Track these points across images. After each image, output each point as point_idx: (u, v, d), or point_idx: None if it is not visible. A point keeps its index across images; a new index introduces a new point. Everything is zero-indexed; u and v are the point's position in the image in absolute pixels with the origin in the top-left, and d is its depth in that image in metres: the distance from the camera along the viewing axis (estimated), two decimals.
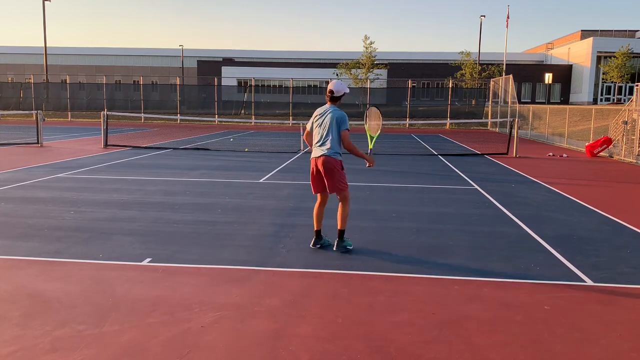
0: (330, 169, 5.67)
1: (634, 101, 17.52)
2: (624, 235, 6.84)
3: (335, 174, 5.69)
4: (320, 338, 3.80)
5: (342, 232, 5.87)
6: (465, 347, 3.67)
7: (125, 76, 62.72)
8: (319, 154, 5.76)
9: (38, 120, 18.00)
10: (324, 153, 5.71)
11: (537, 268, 5.42)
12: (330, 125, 5.76)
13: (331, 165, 5.67)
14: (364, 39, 45.21)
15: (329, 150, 5.70)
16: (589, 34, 58.99)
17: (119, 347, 3.61)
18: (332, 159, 5.67)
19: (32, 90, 40.39)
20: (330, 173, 5.68)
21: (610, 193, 10.15)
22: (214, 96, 39.94)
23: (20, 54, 71.58)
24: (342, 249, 5.85)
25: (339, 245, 5.86)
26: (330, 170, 5.67)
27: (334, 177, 5.70)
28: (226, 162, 14.26)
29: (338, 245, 5.86)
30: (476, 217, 7.76)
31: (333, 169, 5.67)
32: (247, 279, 5.01)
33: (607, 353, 3.63)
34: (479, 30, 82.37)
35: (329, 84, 6.02)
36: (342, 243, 5.87)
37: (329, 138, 5.72)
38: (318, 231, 5.99)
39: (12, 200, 8.47)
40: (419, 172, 12.76)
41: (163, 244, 6.13)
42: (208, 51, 70.05)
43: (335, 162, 5.70)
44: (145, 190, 9.56)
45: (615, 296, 4.70)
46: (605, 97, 55.88)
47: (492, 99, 35.27)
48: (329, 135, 5.73)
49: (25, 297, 4.47)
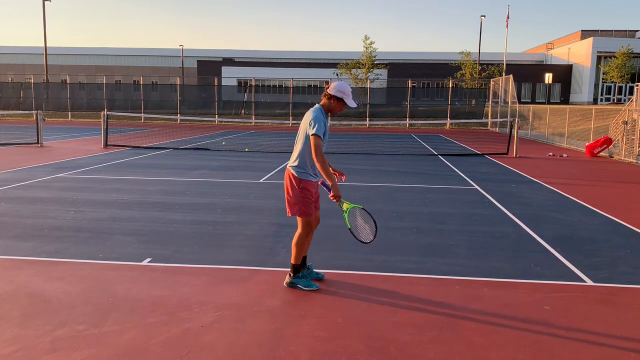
0: (286, 183, 4.69)
1: (634, 101, 17.53)
2: (624, 235, 6.84)
3: (290, 190, 4.65)
4: (320, 338, 3.80)
5: (293, 268, 4.80)
6: (465, 347, 3.67)
7: (125, 76, 62.71)
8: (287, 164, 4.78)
9: (38, 120, 18.00)
10: (288, 164, 4.76)
11: (537, 268, 5.42)
12: (300, 130, 4.70)
13: (287, 179, 4.68)
14: (364, 39, 45.19)
15: (293, 163, 4.67)
16: (589, 34, 58.99)
17: (119, 347, 3.61)
18: (290, 172, 4.65)
19: (32, 90, 40.37)
20: (286, 188, 4.69)
21: (610, 193, 10.15)
22: (214, 96, 39.93)
23: (20, 54, 71.62)
24: (290, 285, 4.78)
25: (288, 281, 4.81)
26: (286, 185, 4.70)
27: (289, 194, 4.67)
28: (226, 162, 14.26)
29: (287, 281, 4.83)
30: (476, 217, 7.76)
31: (288, 184, 4.67)
32: (247, 279, 5.01)
33: (607, 353, 3.63)
34: (479, 30, 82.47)
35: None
36: (291, 280, 4.80)
37: (296, 147, 4.68)
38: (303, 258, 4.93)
39: (12, 200, 8.47)
40: (419, 172, 12.76)
41: (163, 244, 6.13)
42: (208, 51, 70.07)
43: (291, 177, 4.63)
44: (145, 190, 9.56)
45: (615, 296, 4.70)
46: (605, 97, 55.88)
47: (492, 99, 35.26)
48: (297, 142, 4.69)
49: (25, 297, 4.47)
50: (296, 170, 4.61)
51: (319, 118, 4.49)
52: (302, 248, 4.76)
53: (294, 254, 4.77)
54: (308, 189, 4.62)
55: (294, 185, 4.61)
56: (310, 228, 4.73)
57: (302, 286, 4.74)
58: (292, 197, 4.64)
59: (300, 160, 4.59)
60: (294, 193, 4.62)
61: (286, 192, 4.69)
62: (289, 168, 4.69)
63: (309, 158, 4.54)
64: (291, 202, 4.66)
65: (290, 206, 4.69)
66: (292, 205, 4.67)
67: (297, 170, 4.61)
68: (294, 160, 4.66)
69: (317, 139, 4.40)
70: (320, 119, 4.50)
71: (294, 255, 4.77)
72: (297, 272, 4.79)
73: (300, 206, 4.62)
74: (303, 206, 4.62)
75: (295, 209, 4.65)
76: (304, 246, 4.77)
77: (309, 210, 4.65)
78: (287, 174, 4.68)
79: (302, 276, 4.80)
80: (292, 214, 4.70)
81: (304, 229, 4.71)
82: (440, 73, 50.20)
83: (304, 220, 4.69)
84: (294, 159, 4.66)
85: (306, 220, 4.69)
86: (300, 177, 4.59)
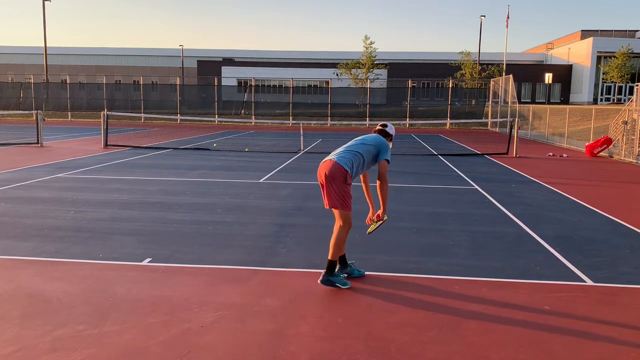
0: (332, 176, 4.66)
1: (634, 101, 17.52)
2: (624, 235, 6.84)
3: (337, 182, 4.65)
4: (320, 338, 3.80)
5: (330, 263, 4.76)
6: (465, 347, 3.67)
7: (125, 76, 62.71)
8: (326, 159, 4.85)
9: (38, 120, 18.00)
10: (331, 157, 4.79)
11: (537, 268, 5.42)
12: (363, 143, 4.85)
13: (334, 172, 4.66)
14: (364, 39, 45.31)
15: (339, 158, 4.73)
16: (589, 34, 58.97)
17: (119, 347, 3.61)
18: (339, 165, 4.66)
19: (32, 90, 40.39)
20: (331, 181, 4.67)
21: (610, 193, 10.15)
22: (214, 96, 39.96)
23: (20, 54, 71.59)
24: (327, 283, 4.75)
25: (323, 279, 4.77)
26: (331, 177, 4.66)
27: (333, 187, 4.66)
28: (226, 162, 14.26)
29: (322, 278, 4.78)
30: (476, 217, 7.76)
31: (334, 176, 4.65)
32: (247, 279, 5.01)
33: (607, 353, 3.63)
34: (479, 30, 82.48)
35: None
36: (326, 277, 4.76)
37: (348, 149, 4.81)
38: (341, 257, 4.94)
39: (12, 200, 8.47)
40: (419, 172, 12.76)
41: (163, 244, 6.13)
42: (208, 51, 70.05)
43: (340, 169, 4.65)
44: (145, 190, 9.56)
45: (615, 296, 4.70)
46: (605, 97, 55.87)
47: (492, 99, 35.27)
48: (351, 147, 4.82)
49: (25, 297, 4.47)
50: (344, 163, 4.67)
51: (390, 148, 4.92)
52: (342, 244, 4.79)
53: (333, 251, 4.74)
54: (350, 182, 4.73)
55: (340, 177, 4.64)
56: (350, 221, 4.75)
57: (339, 284, 4.74)
58: (335, 189, 4.65)
59: (349, 159, 4.71)
60: (337, 186, 4.64)
61: (328, 184, 4.67)
62: (333, 160, 4.70)
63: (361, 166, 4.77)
64: (333, 195, 4.67)
65: (331, 199, 4.68)
66: (335, 197, 4.66)
67: (346, 164, 4.67)
68: (341, 155, 4.74)
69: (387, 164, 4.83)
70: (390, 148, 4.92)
71: (333, 251, 4.74)
72: (334, 269, 4.78)
73: (345, 199, 4.67)
74: (347, 200, 4.68)
75: (339, 201, 4.66)
76: (344, 242, 4.79)
77: (350, 203, 4.72)
78: (332, 166, 4.65)
79: (336, 274, 4.80)
80: (333, 206, 4.70)
81: (346, 224, 4.72)
82: (440, 73, 50.20)
83: (346, 215, 4.70)
84: (340, 154, 4.75)
85: (348, 215, 4.71)
86: (347, 169, 4.66)
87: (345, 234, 4.76)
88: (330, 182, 4.67)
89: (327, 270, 4.76)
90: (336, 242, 4.73)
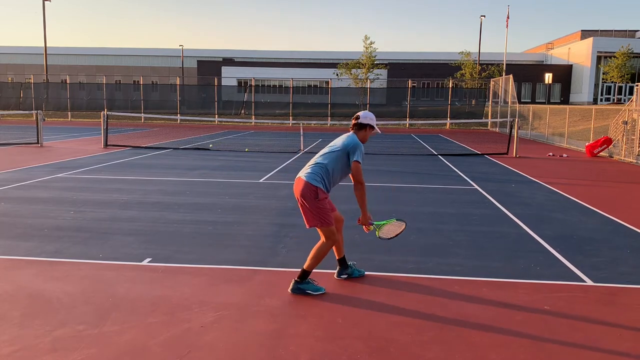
0: (303, 196, 4.50)
1: (634, 101, 17.53)
2: (624, 235, 6.84)
3: (308, 201, 4.48)
4: (320, 338, 3.80)
5: (303, 272, 4.61)
6: (465, 347, 3.67)
7: (125, 76, 62.67)
8: (298, 174, 4.67)
9: (38, 120, 18.00)
10: (300, 175, 4.62)
11: (537, 268, 5.42)
12: (330, 151, 4.65)
13: (304, 192, 4.49)
14: (364, 39, 45.25)
15: (307, 175, 4.56)
16: (589, 34, 58.97)
17: (119, 347, 3.61)
18: (307, 183, 4.48)
19: (32, 90, 40.38)
20: (303, 201, 4.51)
21: (610, 193, 10.15)
22: (213, 96, 39.95)
23: (20, 54, 71.55)
24: (296, 291, 4.59)
25: (293, 287, 4.62)
26: (303, 197, 4.50)
27: (307, 206, 4.50)
28: (226, 162, 14.26)
29: (292, 287, 4.63)
30: (476, 217, 7.76)
31: (305, 196, 4.48)
32: (247, 279, 5.01)
33: (607, 353, 3.63)
34: (479, 30, 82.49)
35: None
36: (295, 285, 4.60)
37: (317, 160, 4.64)
38: (341, 259, 4.98)
39: (12, 200, 8.47)
40: (419, 172, 12.76)
41: (163, 244, 6.13)
42: (208, 51, 70.03)
43: (309, 187, 4.47)
44: (145, 190, 9.56)
45: (615, 296, 4.70)
46: (605, 97, 55.87)
47: (492, 99, 35.27)
48: (318, 159, 4.66)
49: (25, 297, 4.47)
50: (311, 177, 4.50)
51: (362, 147, 4.61)
52: (322, 258, 4.61)
53: (310, 262, 4.58)
54: (325, 197, 4.53)
55: (310, 195, 4.47)
56: (334, 236, 4.58)
57: (311, 291, 4.59)
58: (309, 208, 4.48)
59: (317, 173, 4.53)
60: (310, 204, 4.47)
61: (301, 204, 4.54)
62: (302, 179, 4.54)
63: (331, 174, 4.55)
64: (309, 214, 4.51)
65: (308, 218, 4.53)
66: (312, 217, 4.50)
67: (313, 178, 4.49)
68: (308, 170, 4.58)
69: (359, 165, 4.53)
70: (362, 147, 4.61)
71: (310, 263, 4.58)
72: (305, 278, 4.61)
73: (322, 216, 4.48)
74: (323, 216, 4.49)
75: (316, 220, 4.50)
76: (324, 256, 4.61)
77: (329, 218, 4.51)
78: (303, 186, 4.50)
79: (307, 282, 4.63)
80: (313, 225, 4.53)
81: (329, 239, 4.55)
82: (440, 73, 50.19)
83: (327, 231, 4.52)
84: (308, 171, 4.58)
85: (329, 230, 4.52)
86: (317, 185, 4.48)
87: (328, 249, 4.61)
88: (303, 202, 4.52)
89: (298, 278, 4.61)
90: (316, 254, 4.57)
